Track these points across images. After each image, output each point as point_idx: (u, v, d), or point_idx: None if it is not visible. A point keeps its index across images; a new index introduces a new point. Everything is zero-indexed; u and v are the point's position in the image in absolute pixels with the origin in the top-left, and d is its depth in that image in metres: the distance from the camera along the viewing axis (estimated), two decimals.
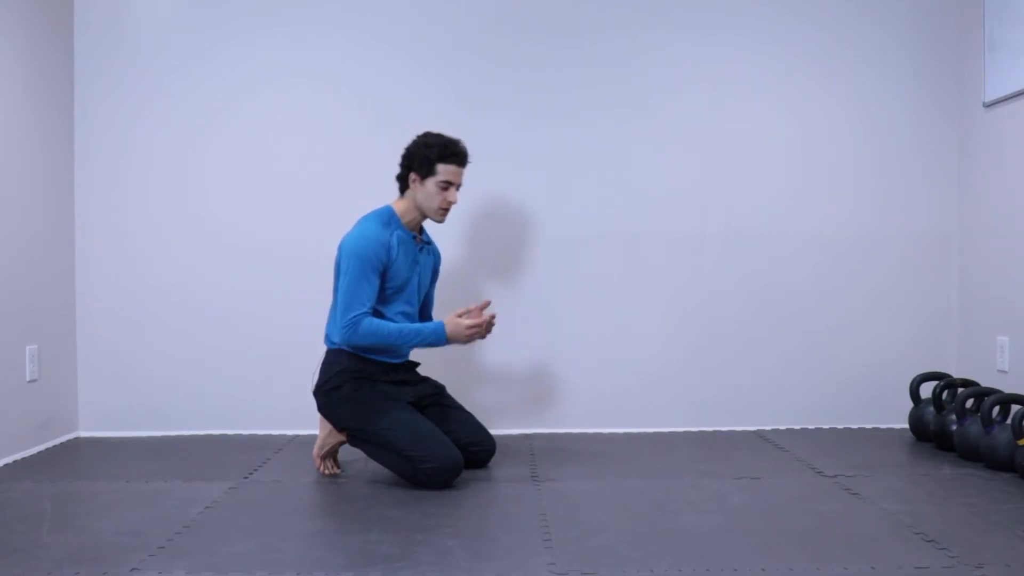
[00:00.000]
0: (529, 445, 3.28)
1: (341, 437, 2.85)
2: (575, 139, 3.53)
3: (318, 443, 2.89)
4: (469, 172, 3.52)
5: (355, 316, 2.72)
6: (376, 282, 2.75)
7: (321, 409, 2.86)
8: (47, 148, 3.33)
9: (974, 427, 2.93)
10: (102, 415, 3.51)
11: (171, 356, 3.51)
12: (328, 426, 2.86)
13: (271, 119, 3.51)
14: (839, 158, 3.58)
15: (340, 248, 2.81)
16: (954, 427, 3.03)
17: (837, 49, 3.56)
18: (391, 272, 2.79)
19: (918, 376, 3.33)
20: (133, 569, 2.01)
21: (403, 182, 2.91)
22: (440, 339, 2.77)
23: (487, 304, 2.86)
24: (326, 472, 2.87)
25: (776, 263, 3.57)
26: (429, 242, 3.02)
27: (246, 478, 2.83)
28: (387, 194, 3.51)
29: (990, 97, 3.34)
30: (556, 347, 3.54)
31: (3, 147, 3.05)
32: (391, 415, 2.74)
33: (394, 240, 2.81)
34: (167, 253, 3.51)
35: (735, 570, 1.99)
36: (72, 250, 3.49)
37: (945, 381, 3.18)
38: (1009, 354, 3.24)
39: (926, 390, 3.30)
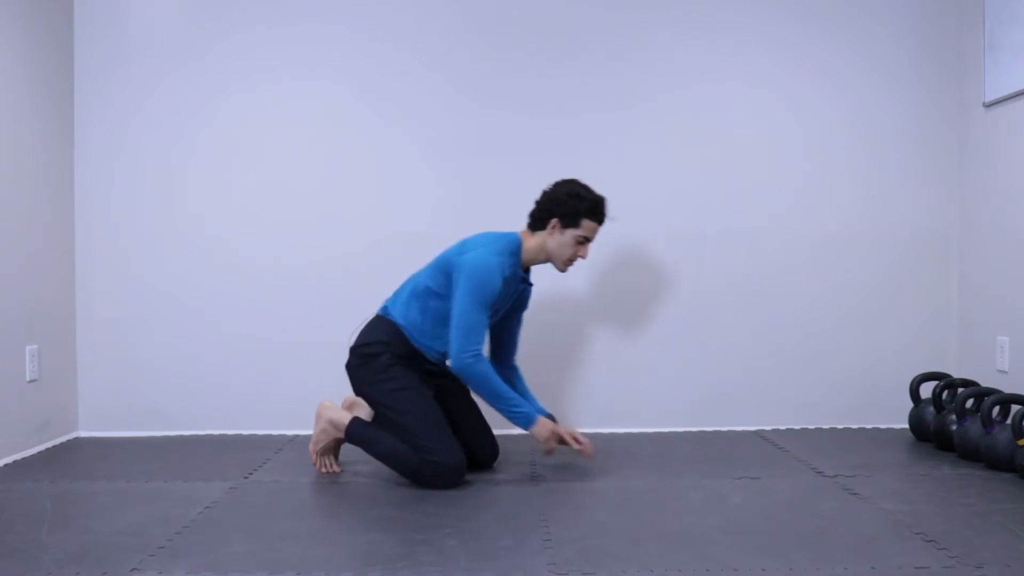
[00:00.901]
0: (529, 445, 3.28)
1: (338, 433, 2.83)
2: (575, 139, 3.53)
3: (314, 439, 2.88)
4: (469, 170, 3.54)
5: (477, 351, 2.70)
6: (488, 314, 2.75)
7: (351, 368, 2.83)
8: (47, 148, 3.33)
9: (974, 427, 2.93)
10: (102, 415, 3.51)
11: (171, 356, 3.51)
12: (324, 422, 2.85)
13: (271, 119, 3.51)
14: (839, 158, 3.58)
15: (463, 260, 2.74)
16: (954, 427, 3.03)
17: (837, 49, 3.56)
18: (491, 310, 2.79)
19: (918, 376, 3.33)
20: (133, 569, 2.01)
21: (540, 223, 2.86)
22: (524, 425, 2.75)
23: (588, 452, 2.83)
24: (324, 470, 2.87)
25: (776, 263, 3.57)
26: (531, 283, 2.98)
27: (246, 478, 2.83)
28: (387, 194, 3.53)
29: (990, 97, 3.34)
30: (555, 347, 3.54)
31: (3, 147, 3.05)
32: (416, 400, 2.74)
33: (509, 277, 2.79)
34: (167, 253, 3.51)
35: (735, 570, 1.99)
36: (72, 250, 3.49)
37: (945, 381, 3.18)
38: (1009, 354, 3.24)
39: (926, 390, 3.30)
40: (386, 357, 2.77)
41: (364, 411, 2.96)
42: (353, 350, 2.84)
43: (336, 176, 3.52)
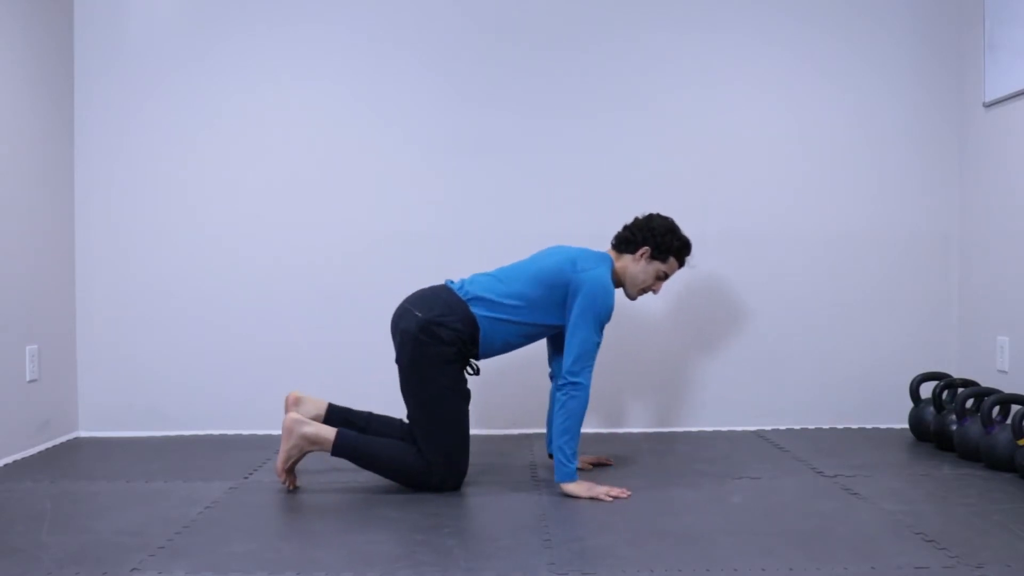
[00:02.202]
0: (529, 445, 3.28)
1: (313, 448, 2.67)
2: (575, 139, 3.53)
3: (284, 456, 2.65)
4: (469, 170, 3.54)
5: (587, 378, 2.63)
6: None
7: (416, 339, 2.63)
8: (47, 148, 3.33)
9: (974, 427, 2.93)
10: (102, 415, 3.51)
11: (171, 356, 3.51)
12: (296, 437, 2.64)
13: (271, 119, 3.51)
14: (839, 158, 3.58)
15: (586, 279, 2.66)
16: (954, 427, 3.03)
17: (837, 49, 3.56)
18: None
19: (918, 376, 3.33)
20: (133, 569, 2.01)
21: (630, 247, 2.81)
22: (567, 477, 2.60)
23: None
24: (291, 487, 2.69)
25: (776, 263, 3.57)
26: None
27: (246, 478, 2.83)
28: (387, 194, 3.53)
29: (990, 97, 3.34)
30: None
31: (3, 147, 3.05)
32: (460, 404, 2.68)
33: None
34: (167, 253, 3.51)
35: (735, 570, 1.99)
36: (72, 250, 3.49)
37: (945, 381, 3.18)
38: (1009, 354, 3.24)
39: (926, 390, 3.30)
40: (454, 350, 2.64)
41: (309, 408, 2.82)
42: (425, 323, 2.63)
43: (336, 176, 3.52)
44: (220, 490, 2.67)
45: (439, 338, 2.64)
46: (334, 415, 2.85)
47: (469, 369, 2.76)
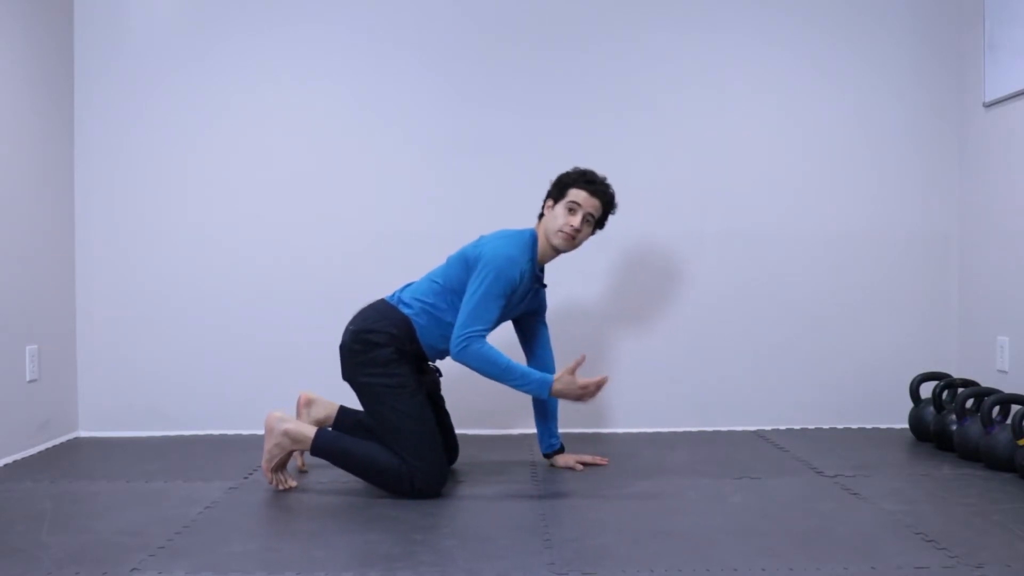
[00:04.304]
0: (529, 445, 3.28)
1: (295, 446, 2.68)
2: (575, 139, 3.52)
3: (267, 456, 2.67)
4: (469, 170, 3.54)
5: (470, 333, 2.60)
6: (502, 305, 2.67)
7: (349, 351, 2.69)
8: (47, 148, 3.33)
9: (974, 427, 2.93)
10: (102, 415, 3.51)
11: (171, 356, 3.51)
12: (277, 435, 2.66)
13: (271, 119, 3.51)
14: (839, 158, 3.58)
15: (481, 252, 2.69)
16: (954, 427, 3.03)
17: (837, 49, 3.56)
18: (506, 302, 2.70)
19: (918, 376, 3.33)
20: (133, 569, 2.01)
21: (541, 213, 2.87)
22: (543, 391, 2.62)
23: (583, 359, 2.80)
24: (281, 487, 2.69)
25: (776, 263, 3.57)
26: (544, 284, 2.94)
27: (246, 478, 2.83)
28: (387, 194, 3.53)
29: (990, 97, 3.34)
30: (554, 347, 3.53)
31: (3, 147, 3.05)
32: (412, 401, 2.64)
33: (525, 273, 2.73)
34: (167, 253, 3.51)
35: (735, 570, 1.99)
36: (72, 250, 3.49)
37: (945, 381, 3.18)
38: (1009, 354, 3.24)
39: (926, 390, 3.30)
40: (390, 351, 2.66)
41: (321, 410, 2.85)
42: (356, 333, 2.70)
43: (336, 176, 3.52)
44: (220, 490, 2.67)
45: (372, 343, 2.67)
46: (345, 417, 2.86)
47: (428, 374, 2.78)
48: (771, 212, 3.57)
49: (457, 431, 2.99)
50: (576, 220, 2.78)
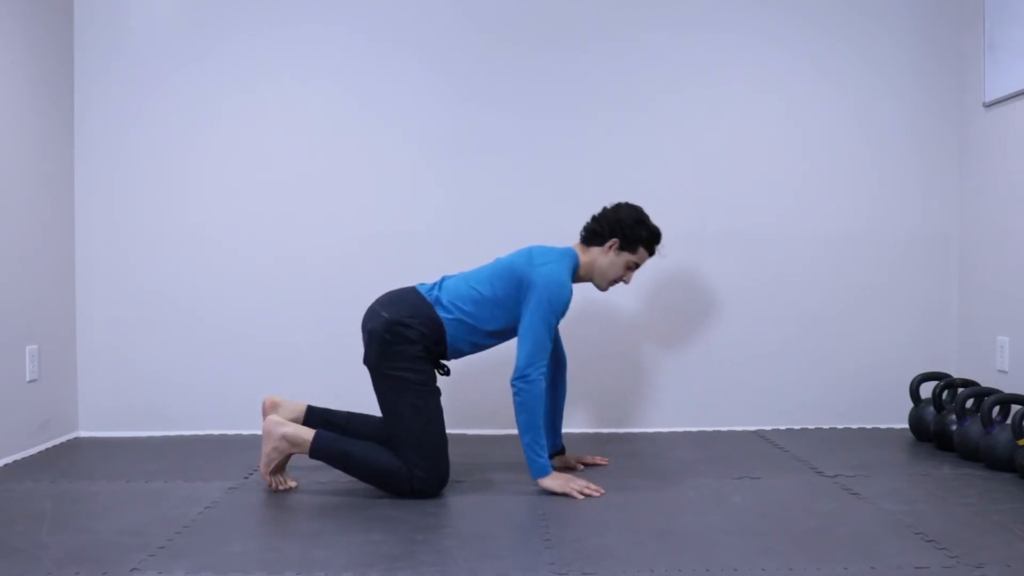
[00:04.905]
0: None
1: (293, 449, 2.67)
2: (575, 139, 3.53)
3: (265, 459, 2.67)
4: (469, 170, 3.54)
5: (544, 371, 2.62)
6: (553, 326, 2.68)
7: (380, 340, 2.64)
8: (47, 148, 3.33)
9: (974, 427, 2.93)
10: (102, 415, 3.51)
11: (171, 356, 3.51)
12: (276, 439, 2.65)
13: (271, 120, 3.51)
14: (839, 158, 3.58)
15: (535, 278, 2.65)
16: (954, 427, 3.03)
17: (837, 49, 3.56)
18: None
19: (918, 376, 3.33)
20: (133, 569, 2.01)
21: (598, 240, 2.81)
22: (534, 471, 2.62)
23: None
24: (279, 488, 2.69)
25: (776, 263, 3.57)
26: None
27: (246, 478, 2.83)
28: (387, 194, 3.53)
29: (990, 97, 3.34)
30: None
31: (3, 147, 3.05)
32: (431, 402, 2.65)
33: (571, 295, 2.73)
34: (167, 252, 3.51)
35: (735, 570, 1.99)
36: (72, 250, 3.49)
37: (945, 381, 3.18)
38: (1009, 354, 3.24)
39: (926, 390, 3.30)
40: (419, 347, 2.64)
41: (288, 412, 2.81)
42: (389, 323, 2.64)
43: (336, 176, 3.52)
44: (220, 490, 2.67)
45: (405, 337, 2.64)
46: (313, 417, 2.84)
47: (439, 370, 2.76)
48: (771, 212, 3.57)
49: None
50: (631, 277, 2.87)
